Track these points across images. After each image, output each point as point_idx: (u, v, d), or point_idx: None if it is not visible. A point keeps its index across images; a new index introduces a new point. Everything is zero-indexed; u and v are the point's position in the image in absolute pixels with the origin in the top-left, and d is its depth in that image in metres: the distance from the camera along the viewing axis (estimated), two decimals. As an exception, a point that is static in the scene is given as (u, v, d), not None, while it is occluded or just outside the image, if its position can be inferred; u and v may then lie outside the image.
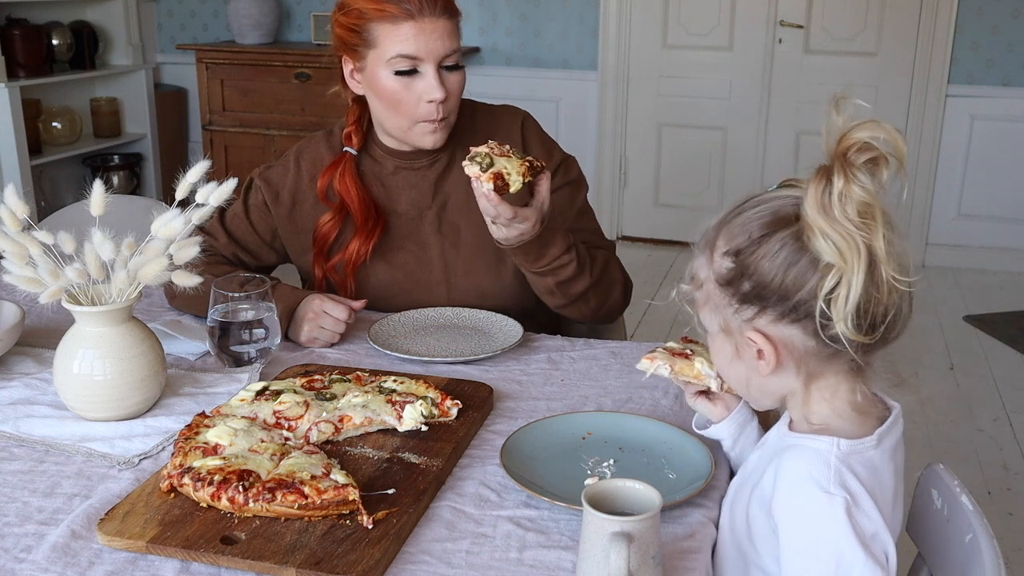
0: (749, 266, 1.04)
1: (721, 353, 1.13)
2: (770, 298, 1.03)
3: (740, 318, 1.06)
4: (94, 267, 1.28)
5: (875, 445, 1.05)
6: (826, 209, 0.98)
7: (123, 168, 5.09)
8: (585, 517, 0.95)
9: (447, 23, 1.59)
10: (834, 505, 0.99)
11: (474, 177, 1.44)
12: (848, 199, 0.98)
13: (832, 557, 0.99)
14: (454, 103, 1.64)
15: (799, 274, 1.01)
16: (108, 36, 5.09)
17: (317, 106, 4.75)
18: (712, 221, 1.13)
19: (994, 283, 4.51)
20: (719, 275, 1.07)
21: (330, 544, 1.03)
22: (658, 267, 4.74)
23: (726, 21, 4.74)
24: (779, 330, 1.04)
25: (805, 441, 1.06)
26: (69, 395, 1.31)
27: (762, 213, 1.06)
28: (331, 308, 1.58)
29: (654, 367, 1.22)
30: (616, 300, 1.72)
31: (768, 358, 1.05)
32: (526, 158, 1.49)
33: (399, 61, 1.57)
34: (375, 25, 1.58)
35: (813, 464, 1.02)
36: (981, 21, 4.43)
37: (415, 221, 1.74)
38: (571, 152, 1.85)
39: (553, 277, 1.59)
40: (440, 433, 1.28)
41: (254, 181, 1.76)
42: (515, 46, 4.96)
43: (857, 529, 0.99)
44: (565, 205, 1.78)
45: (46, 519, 1.10)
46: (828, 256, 0.98)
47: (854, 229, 0.98)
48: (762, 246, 1.03)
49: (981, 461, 2.92)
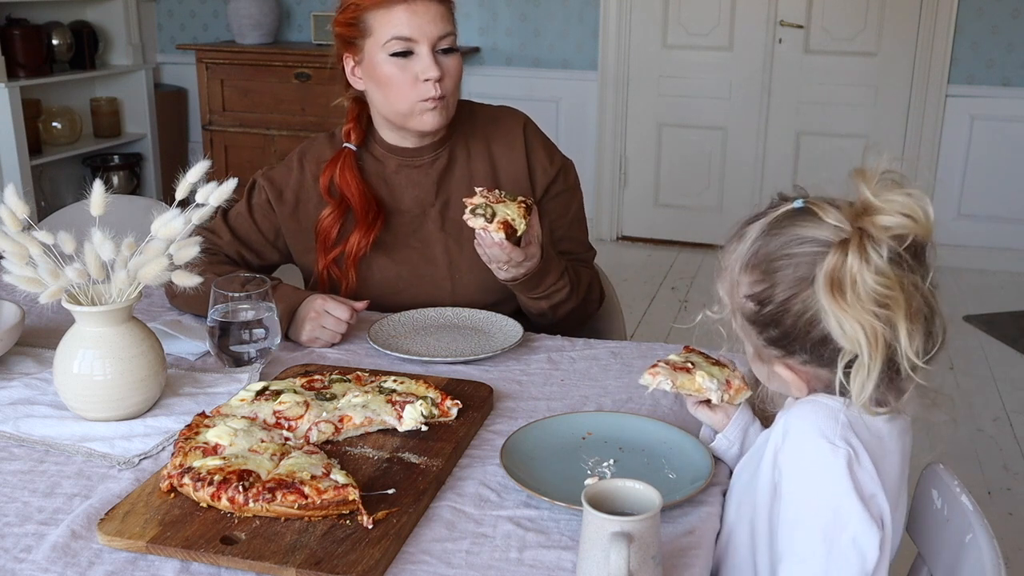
0: (775, 317, 1.04)
1: (755, 366, 1.14)
2: (795, 348, 1.04)
3: (769, 352, 1.08)
4: (94, 267, 1.28)
5: (886, 420, 1.07)
6: (840, 291, 0.96)
7: (123, 168, 5.09)
8: (585, 517, 0.95)
9: (439, 7, 1.63)
10: (837, 456, 1.00)
11: (480, 229, 1.50)
12: (862, 284, 0.96)
13: (830, 507, 1.00)
14: (452, 84, 1.66)
15: (825, 334, 1.01)
16: (108, 36, 5.09)
17: (317, 106, 4.75)
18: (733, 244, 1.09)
19: (994, 283, 4.51)
20: (744, 312, 1.08)
21: (330, 544, 1.03)
22: (658, 267, 4.74)
23: (726, 21, 4.74)
24: (806, 368, 1.06)
25: (817, 397, 1.07)
26: (69, 395, 1.31)
27: (784, 264, 1.03)
28: (333, 308, 1.58)
29: (656, 382, 1.22)
30: (591, 313, 1.83)
31: (800, 389, 1.08)
32: (518, 199, 1.55)
33: (394, 43, 1.61)
34: (369, 14, 1.62)
35: (821, 416, 1.04)
36: (981, 21, 4.43)
37: (419, 219, 1.76)
38: (571, 152, 1.86)
39: (547, 301, 1.68)
40: (440, 433, 1.28)
41: (258, 181, 1.78)
42: (515, 46, 4.96)
43: (857, 484, 1.00)
44: (561, 212, 1.80)
45: (46, 519, 1.10)
46: (842, 341, 0.98)
47: (870, 317, 0.96)
48: (787, 302, 1.03)
49: (981, 461, 2.92)
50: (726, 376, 1.24)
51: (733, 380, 1.24)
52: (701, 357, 1.28)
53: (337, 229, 1.72)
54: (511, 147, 1.77)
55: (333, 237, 1.72)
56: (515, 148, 1.77)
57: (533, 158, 1.77)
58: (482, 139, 1.78)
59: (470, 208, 1.51)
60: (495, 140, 1.78)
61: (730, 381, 1.23)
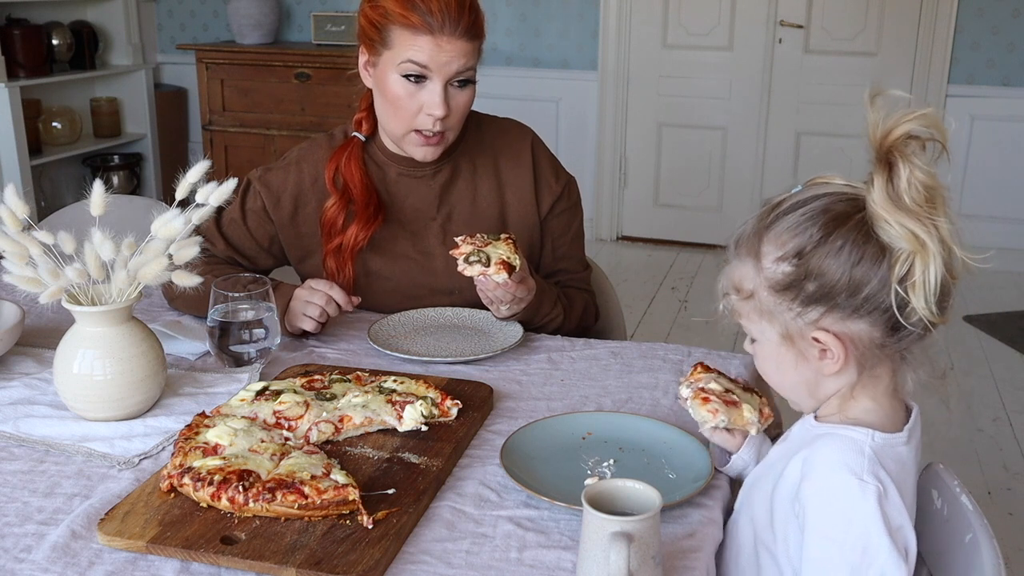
0: (813, 267, 1.03)
1: (776, 360, 1.11)
2: (838, 296, 1.03)
3: (803, 320, 1.05)
4: (94, 267, 1.28)
5: (905, 441, 1.07)
6: (895, 199, 0.99)
7: (123, 168, 5.09)
8: (585, 517, 0.95)
9: (466, 45, 1.57)
10: (867, 493, 1.00)
11: (480, 275, 1.49)
12: (914, 186, 1.00)
13: (859, 543, 1.00)
14: (455, 121, 1.63)
15: (867, 267, 1.01)
16: (108, 36, 5.09)
17: (317, 106, 4.75)
18: (744, 230, 1.10)
19: (994, 283, 4.51)
20: (774, 282, 1.06)
21: (330, 544, 1.03)
22: (658, 267, 4.74)
23: (726, 21, 4.74)
24: (846, 326, 1.04)
25: (839, 430, 1.07)
26: (69, 395, 1.31)
27: (811, 213, 1.04)
28: (316, 283, 1.59)
29: (716, 421, 1.19)
30: (586, 329, 1.84)
31: (836, 355, 1.05)
32: (502, 236, 1.55)
33: (409, 66, 1.57)
34: (396, 28, 1.57)
35: (848, 451, 1.03)
36: (981, 21, 4.43)
37: (420, 231, 1.74)
38: (571, 152, 1.87)
39: (543, 329, 1.70)
40: (440, 433, 1.28)
41: (252, 185, 1.74)
42: (515, 46, 4.96)
43: (886, 520, 1.00)
44: (563, 230, 1.80)
45: (46, 519, 1.10)
46: (905, 244, 0.99)
47: (925, 214, 0.99)
48: (823, 245, 1.02)
49: (981, 461, 2.92)
50: (758, 404, 1.23)
51: (764, 408, 1.24)
52: (727, 381, 1.26)
53: (341, 220, 1.69)
54: (518, 163, 1.76)
55: (338, 227, 1.70)
56: (522, 164, 1.76)
57: (540, 175, 1.77)
58: (489, 154, 1.76)
59: (463, 258, 1.49)
60: (502, 156, 1.76)
61: (762, 409, 1.23)
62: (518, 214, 1.76)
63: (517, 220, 1.75)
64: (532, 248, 1.77)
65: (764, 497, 1.12)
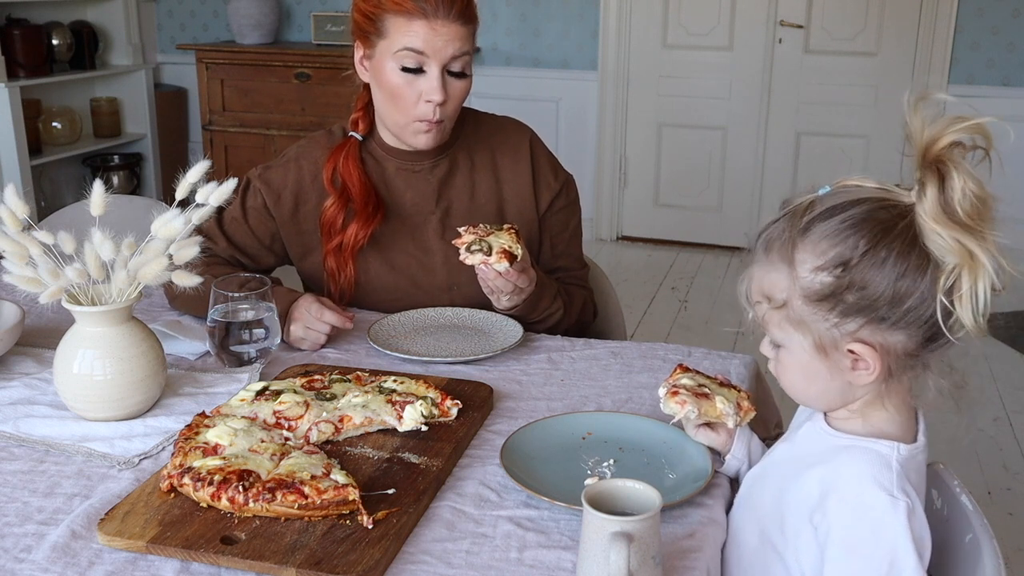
0: (856, 279, 0.99)
1: (804, 369, 1.07)
2: (880, 308, 0.99)
3: (839, 332, 1.02)
4: (94, 267, 1.28)
5: (923, 450, 1.06)
6: (949, 211, 0.97)
7: (123, 168, 5.09)
8: (585, 517, 0.95)
9: (460, 28, 1.58)
10: (897, 509, 0.99)
11: (481, 264, 1.49)
12: (968, 196, 0.98)
13: (887, 558, 0.99)
14: (453, 109, 1.64)
15: (911, 279, 0.98)
16: (108, 36, 5.09)
17: (317, 106, 4.75)
18: (771, 233, 1.06)
19: (994, 283, 4.51)
20: (812, 291, 1.02)
21: (330, 544, 1.03)
22: (658, 267, 4.74)
23: (726, 21, 4.74)
24: (883, 337, 1.01)
25: (862, 443, 1.05)
26: (69, 395, 1.31)
27: (852, 221, 1.00)
28: (317, 311, 1.56)
29: (684, 412, 1.19)
30: (586, 326, 1.85)
31: (872, 366, 1.02)
32: (504, 226, 1.55)
33: (405, 55, 1.57)
34: (389, 16, 1.58)
35: (876, 467, 1.02)
36: (981, 21, 4.43)
37: (419, 226, 1.74)
38: (571, 152, 1.88)
39: (542, 325, 1.70)
40: (440, 433, 1.28)
41: (252, 183, 1.74)
42: (515, 46, 4.96)
43: (914, 534, 0.99)
44: (561, 227, 1.81)
45: (46, 519, 1.10)
46: (955, 257, 0.96)
47: (976, 226, 0.97)
48: (868, 256, 0.99)
49: (981, 461, 2.92)
50: (736, 398, 1.23)
51: (742, 402, 1.23)
52: (703, 378, 1.26)
53: (340, 220, 1.70)
54: (517, 160, 1.76)
55: (337, 227, 1.70)
56: (521, 162, 1.76)
57: (539, 173, 1.77)
58: (487, 150, 1.77)
59: (464, 247, 1.49)
60: (500, 152, 1.77)
61: (740, 403, 1.23)
62: (516, 210, 1.76)
63: (515, 216, 1.76)
64: (530, 245, 1.77)
65: (771, 497, 1.11)
